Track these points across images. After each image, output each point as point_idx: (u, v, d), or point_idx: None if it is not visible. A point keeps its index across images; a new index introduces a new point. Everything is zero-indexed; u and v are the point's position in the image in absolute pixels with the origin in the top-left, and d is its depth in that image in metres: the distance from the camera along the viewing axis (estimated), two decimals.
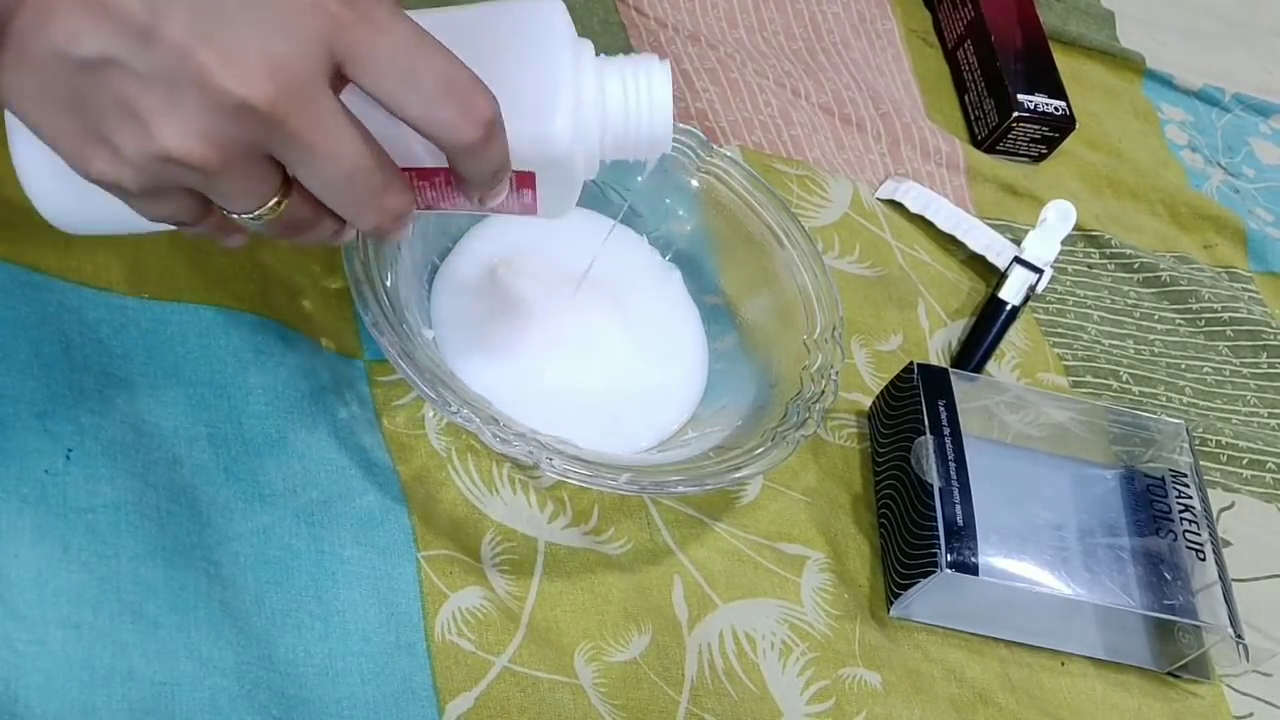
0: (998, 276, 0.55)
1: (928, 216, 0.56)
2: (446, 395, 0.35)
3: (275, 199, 0.27)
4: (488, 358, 0.41)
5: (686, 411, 0.43)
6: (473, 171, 0.28)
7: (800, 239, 0.45)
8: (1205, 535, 0.44)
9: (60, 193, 0.29)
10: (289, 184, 0.27)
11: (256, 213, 0.27)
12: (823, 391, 0.41)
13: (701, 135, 0.46)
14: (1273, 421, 0.56)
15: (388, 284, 0.38)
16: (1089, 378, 0.55)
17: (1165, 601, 0.42)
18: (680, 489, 0.37)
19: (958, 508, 0.41)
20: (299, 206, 0.28)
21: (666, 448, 0.41)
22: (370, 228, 0.28)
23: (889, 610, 0.42)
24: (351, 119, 0.26)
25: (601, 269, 0.43)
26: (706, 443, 0.40)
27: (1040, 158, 0.64)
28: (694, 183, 0.46)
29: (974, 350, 0.52)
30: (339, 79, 0.25)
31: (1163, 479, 0.46)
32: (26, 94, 0.25)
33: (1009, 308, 0.53)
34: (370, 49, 0.25)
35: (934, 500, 0.41)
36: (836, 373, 0.41)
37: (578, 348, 0.42)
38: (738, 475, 0.38)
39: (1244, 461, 0.53)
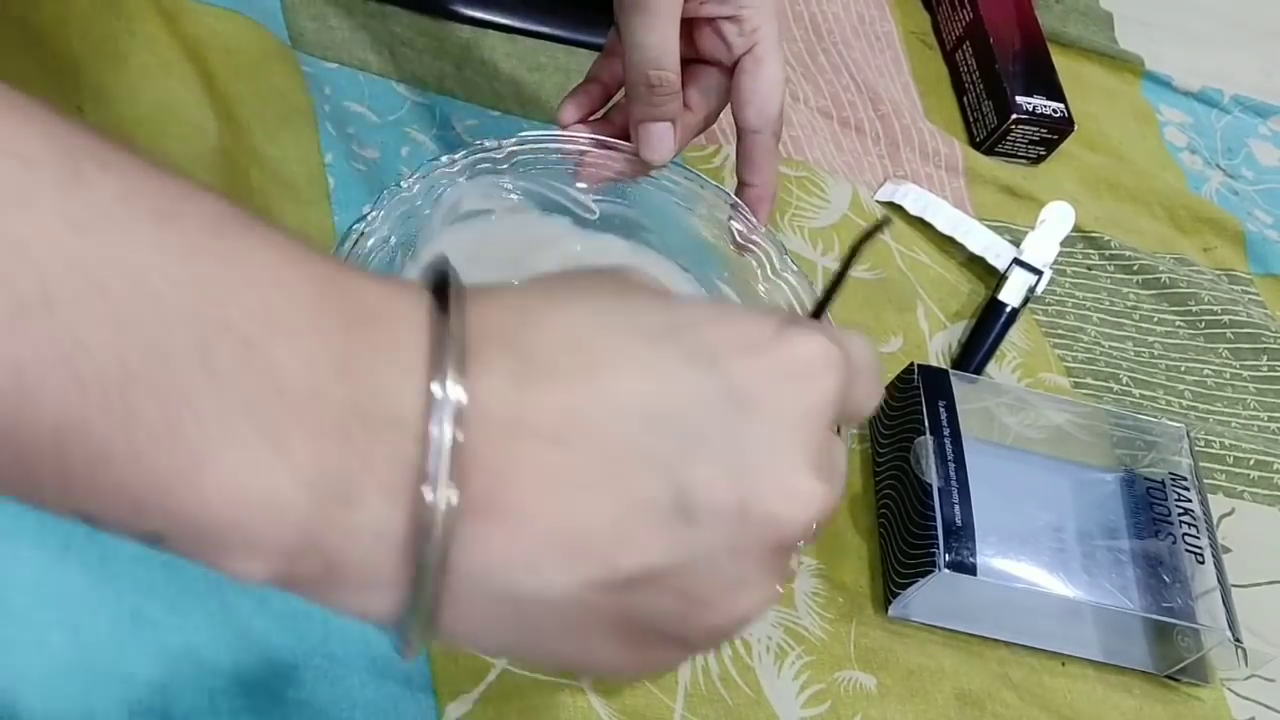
0: (997, 278, 0.55)
1: (927, 219, 0.56)
2: None
3: None
4: None
5: None
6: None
7: None
8: (1205, 539, 0.44)
9: None
10: None
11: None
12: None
13: (783, 244, 0.42)
14: (1273, 425, 0.56)
15: None
16: (1089, 379, 0.55)
17: (1164, 604, 0.42)
18: None
19: (957, 508, 0.41)
20: None
21: None
22: None
23: (887, 610, 0.42)
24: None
25: None
26: None
27: (1039, 159, 0.64)
28: (760, 288, 0.43)
29: (974, 352, 0.52)
30: None
31: (1162, 482, 0.46)
32: (541, 641, 0.20)
33: (1009, 309, 0.53)
34: (858, 401, 0.23)
35: (933, 500, 0.41)
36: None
37: None
38: None
39: (1250, 463, 0.53)
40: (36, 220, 0.16)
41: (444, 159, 0.39)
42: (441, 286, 0.20)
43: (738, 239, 0.43)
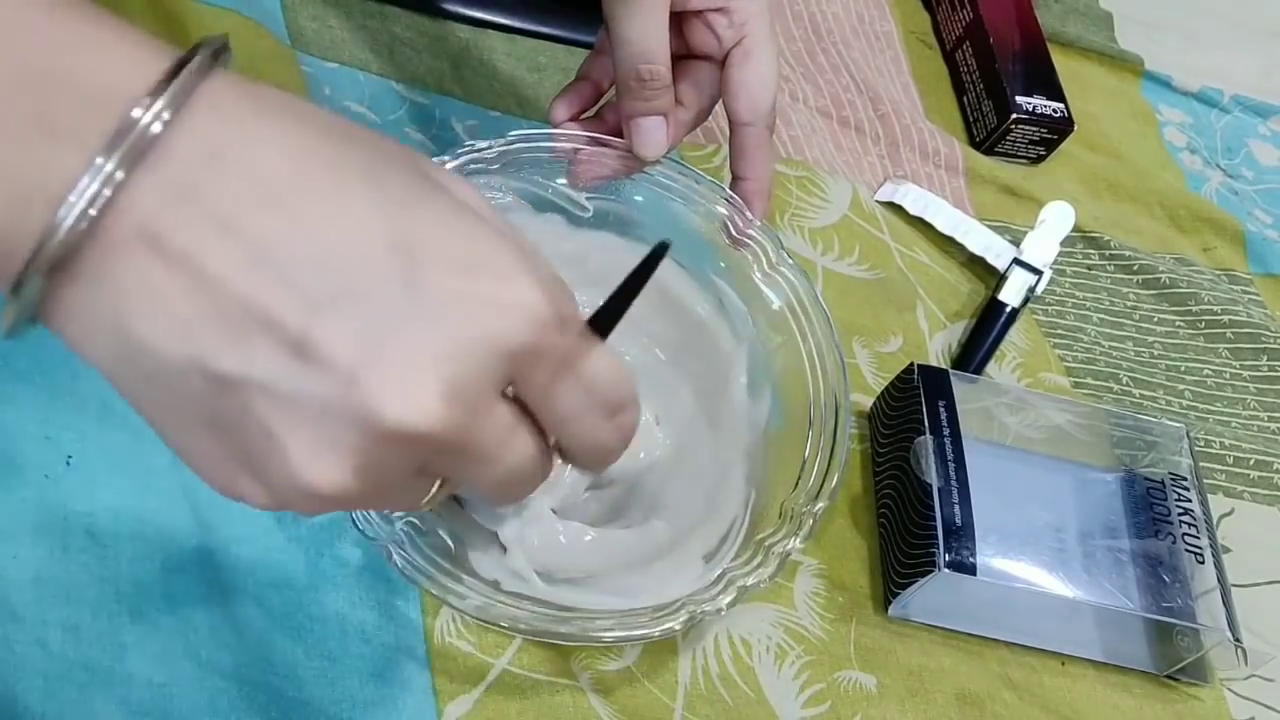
0: (997, 278, 0.55)
1: (927, 218, 0.56)
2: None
3: (427, 498, 0.24)
4: None
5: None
6: (589, 468, 0.26)
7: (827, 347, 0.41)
8: (1204, 539, 0.44)
9: None
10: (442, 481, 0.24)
11: (405, 515, 0.25)
12: (819, 491, 0.37)
13: (779, 238, 0.42)
14: (1273, 425, 0.56)
15: None
16: (1089, 379, 0.55)
17: (1164, 604, 0.42)
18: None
19: (956, 508, 0.41)
20: (445, 492, 0.25)
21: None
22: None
23: (887, 609, 0.42)
24: (519, 421, 0.23)
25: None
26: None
27: (1039, 159, 0.64)
28: (768, 292, 0.42)
29: (974, 352, 0.52)
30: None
31: (1162, 482, 0.46)
32: (148, 398, 0.21)
33: (1008, 309, 0.53)
34: (553, 382, 0.22)
35: (933, 500, 0.41)
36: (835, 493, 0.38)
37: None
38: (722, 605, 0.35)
39: (1250, 463, 0.53)
40: None
41: (434, 161, 0.39)
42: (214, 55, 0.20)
43: (733, 234, 0.42)
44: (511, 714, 0.36)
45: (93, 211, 0.19)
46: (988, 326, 0.53)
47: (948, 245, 0.57)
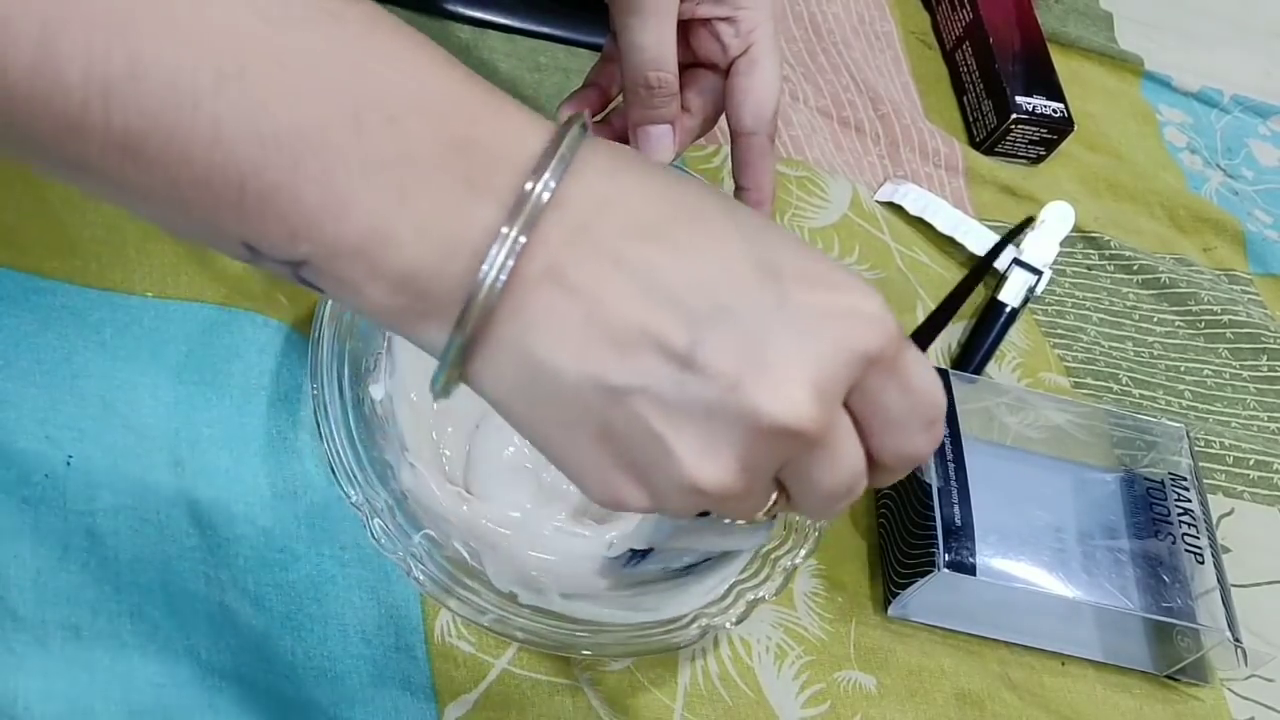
0: (997, 278, 0.55)
1: (926, 218, 0.56)
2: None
3: (766, 507, 0.26)
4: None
5: None
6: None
7: None
8: (1204, 539, 0.44)
9: None
10: (782, 488, 0.26)
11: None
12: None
13: None
14: (1273, 425, 0.56)
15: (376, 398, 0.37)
16: (1089, 379, 0.55)
17: (1164, 604, 0.42)
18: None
19: (956, 508, 0.41)
20: (781, 506, 0.26)
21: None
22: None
23: (887, 609, 0.42)
24: (854, 429, 0.25)
25: None
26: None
27: (1039, 159, 0.64)
28: None
29: (974, 352, 0.52)
30: None
31: (1162, 482, 0.46)
32: (543, 418, 0.23)
33: (1008, 309, 0.53)
34: (887, 389, 0.24)
35: (933, 500, 0.41)
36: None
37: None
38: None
39: (1250, 463, 0.53)
40: (236, 12, 0.21)
41: None
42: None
43: None
44: (511, 715, 0.36)
45: (512, 260, 0.22)
46: (987, 326, 0.53)
47: (948, 245, 0.57)
